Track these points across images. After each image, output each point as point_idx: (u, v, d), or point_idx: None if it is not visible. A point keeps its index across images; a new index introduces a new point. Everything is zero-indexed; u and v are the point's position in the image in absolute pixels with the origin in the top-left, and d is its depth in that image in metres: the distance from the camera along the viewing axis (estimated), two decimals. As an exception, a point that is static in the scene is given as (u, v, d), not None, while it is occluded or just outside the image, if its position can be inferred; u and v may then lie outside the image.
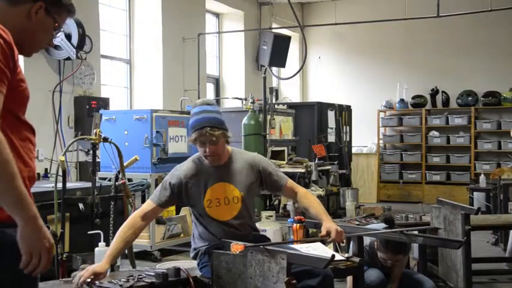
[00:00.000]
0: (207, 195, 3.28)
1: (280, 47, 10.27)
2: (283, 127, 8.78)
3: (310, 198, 3.39)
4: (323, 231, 3.17)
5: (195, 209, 3.37)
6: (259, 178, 3.37)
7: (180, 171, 3.33)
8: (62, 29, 2.05)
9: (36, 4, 1.89)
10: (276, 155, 8.26)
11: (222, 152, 3.28)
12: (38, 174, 6.11)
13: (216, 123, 3.20)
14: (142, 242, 6.06)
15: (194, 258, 3.41)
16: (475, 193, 8.21)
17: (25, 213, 1.68)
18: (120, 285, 3.03)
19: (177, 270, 3.23)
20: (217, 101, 10.14)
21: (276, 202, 7.73)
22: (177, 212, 6.79)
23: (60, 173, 4.19)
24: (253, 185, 3.37)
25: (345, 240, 4.41)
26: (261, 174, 3.37)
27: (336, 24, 10.53)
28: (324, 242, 3.34)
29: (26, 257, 1.71)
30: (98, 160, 5.26)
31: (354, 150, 11.18)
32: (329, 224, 3.19)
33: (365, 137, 11.80)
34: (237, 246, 2.85)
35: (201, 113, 3.22)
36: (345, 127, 10.26)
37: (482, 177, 8.05)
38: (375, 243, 3.99)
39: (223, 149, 3.28)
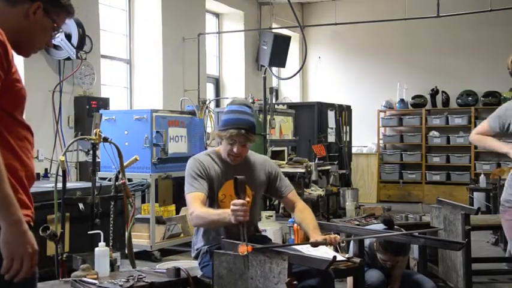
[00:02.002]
0: (222, 190, 3.29)
1: (280, 47, 10.27)
2: (283, 127, 8.78)
3: (306, 213, 3.37)
4: (318, 240, 3.13)
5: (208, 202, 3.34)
6: (268, 180, 3.42)
7: (199, 159, 3.31)
8: (61, 30, 2.04)
9: (34, 4, 1.89)
10: (276, 155, 8.26)
11: (246, 154, 3.34)
12: (38, 174, 6.11)
13: (253, 128, 3.27)
14: (142, 242, 6.06)
15: (196, 257, 3.40)
16: (475, 193, 8.22)
17: (9, 216, 1.66)
18: (120, 285, 3.04)
19: (177, 270, 3.23)
20: (217, 101, 10.14)
21: (276, 202, 7.73)
22: (177, 212, 6.79)
23: (60, 173, 4.18)
24: (262, 186, 3.42)
25: (345, 241, 4.42)
26: (270, 177, 3.41)
27: (335, 24, 10.52)
28: (327, 245, 3.34)
29: (7, 261, 1.68)
30: (98, 160, 5.26)
31: (354, 150, 11.18)
32: (317, 237, 3.14)
33: (365, 137, 11.80)
34: (244, 248, 2.80)
35: (241, 113, 3.24)
36: (345, 127, 10.27)
37: (482, 177, 8.05)
38: (374, 244, 3.99)
39: (247, 151, 3.34)
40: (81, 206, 5.10)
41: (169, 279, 3.21)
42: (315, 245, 3.14)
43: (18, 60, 1.81)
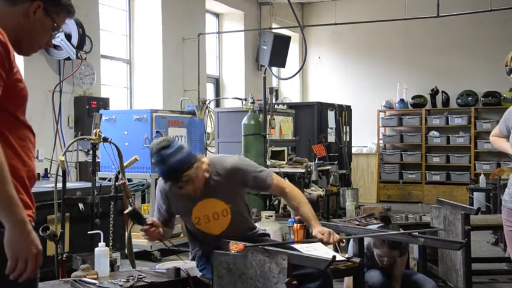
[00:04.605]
0: (195, 213, 3.20)
1: (280, 47, 10.27)
2: (283, 127, 8.78)
3: (300, 199, 3.30)
4: (317, 236, 3.17)
5: (185, 222, 3.35)
6: (244, 183, 3.26)
7: (161, 185, 3.25)
8: (61, 30, 2.04)
9: (34, 3, 1.89)
10: (276, 155, 8.26)
11: (202, 180, 3.11)
12: (38, 174, 6.11)
13: (181, 168, 2.97)
14: (142, 242, 6.05)
15: (193, 259, 3.41)
16: (475, 193, 8.21)
17: (13, 217, 1.66)
18: (120, 285, 3.04)
19: (177, 270, 3.23)
20: (217, 101, 10.15)
21: (276, 202, 7.73)
22: (177, 212, 6.78)
23: (60, 173, 4.19)
24: (239, 193, 3.29)
25: (344, 240, 4.42)
26: (245, 179, 3.24)
27: (335, 24, 10.52)
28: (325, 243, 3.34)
29: (11, 262, 1.69)
30: (98, 160, 5.26)
31: (353, 150, 11.18)
32: (320, 228, 3.19)
33: (365, 137, 11.80)
34: (235, 246, 2.83)
35: (161, 163, 3.01)
36: (345, 127, 10.26)
37: (482, 177, 8.05)
38: (371, 242, 3.99)
39: (202, 177, 3.09)
40: (81, 206, 5.10)
41: (169, 279, 3.21)
42: (309, 242, 3.16)
43: (17, 60, 1.81)
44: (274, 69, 11.26)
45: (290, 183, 3.47)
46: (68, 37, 6.59)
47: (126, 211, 3.07)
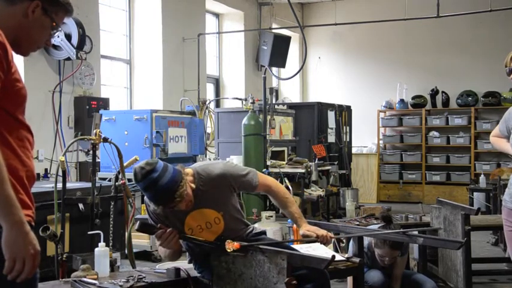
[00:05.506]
0: (187, 225, 3.16)
1: (280, 47, 10.27)
2: (283, 127, 8.78)
3: (287, 198, 3.29)
4: (305, 234, 3.17)
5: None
6: (232, 188, 3.20)
7: (150, 207, 3.13)
8: (60, 29, 2.04)
9: (33, 3, 1.90)
10: (276, 155, 8.25)
11: (191, 194, 3.01)
12: (38, 174, 6.12)
13: (171, 189, 2.88)
14: (142, 242, 6.06)
15: (190, 262, 3.40)
16: (475, 193, 8.21)
17: (11, 217, 1.66)
18: (120, 286, 3.04)
19: (177, 270, 3.23)
20: (217, 101, 10.14)
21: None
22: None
23: (60, 173, 4.19)
24: (229, 198, 3.22)
25: (344, 240, 4.42)
26: (232, 185, 3.18)
27: (335, 24, 10.53)
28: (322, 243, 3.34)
29: (9, 262, 1.69)
30: (98, 160, 5.26)
31: (354, 150, 11.18)
32: (307, 227, 3.19)
33: (365, 137, 11.80)
34: (231, 244, 2.82)
35: (150, 189, 2.90)
36: (345, 127, 10.26)
37: (482, 178, 8.05)
38: (372, 242, 3.99)
39: (190, 191, 3.00)
40: (81, 206, 5.11)
41: (169, 279, 3.21)
42: (306, 241, 3.15)
43: (18, 60, 1.82)
44: (274, 69, 11.26)
45: (275, 180, 3.42)
46: (68, 37, 6.59)
47: (136, 227, 2.98)
